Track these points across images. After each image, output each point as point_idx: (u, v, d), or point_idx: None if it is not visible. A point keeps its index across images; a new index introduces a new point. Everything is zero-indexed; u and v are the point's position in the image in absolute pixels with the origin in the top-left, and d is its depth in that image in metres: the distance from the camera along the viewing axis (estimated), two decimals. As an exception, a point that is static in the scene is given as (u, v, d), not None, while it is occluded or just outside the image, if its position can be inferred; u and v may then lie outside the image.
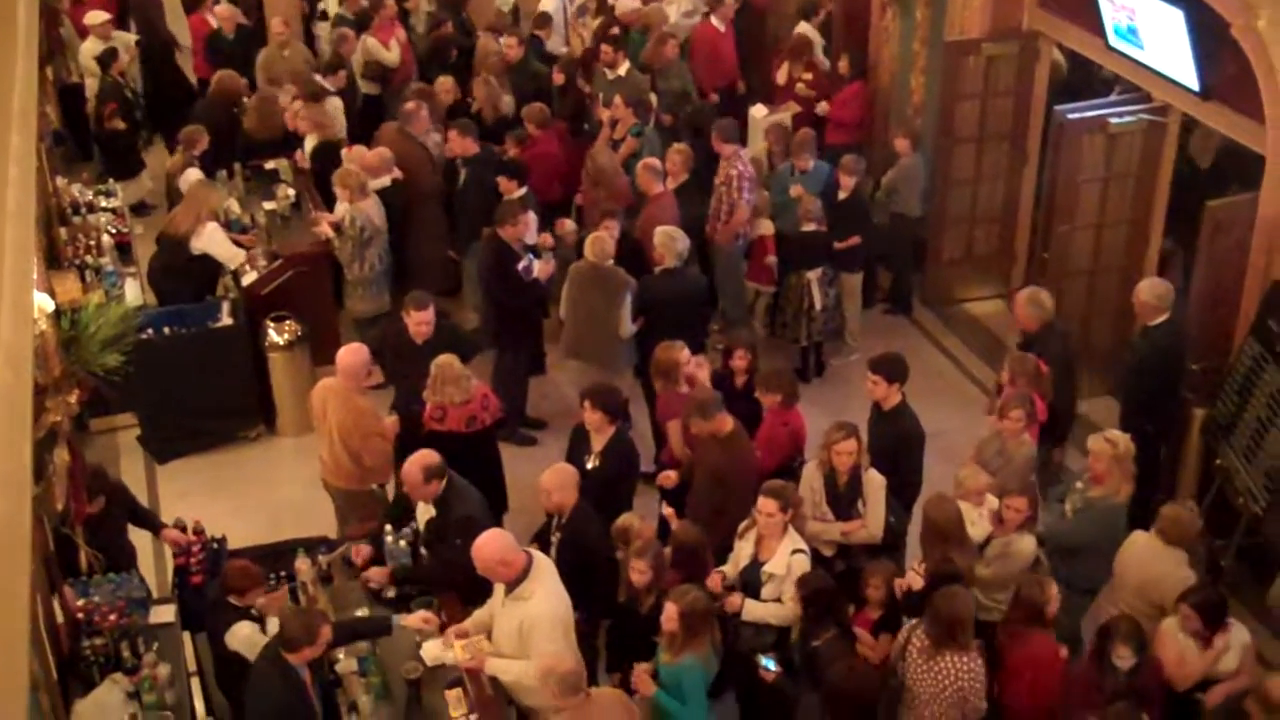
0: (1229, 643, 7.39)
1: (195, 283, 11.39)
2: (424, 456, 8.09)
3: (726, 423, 8.56)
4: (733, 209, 11.61)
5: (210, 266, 11.40)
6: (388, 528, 8.36)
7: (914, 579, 7.75)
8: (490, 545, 7.23)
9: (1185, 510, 8.05)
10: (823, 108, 13.56)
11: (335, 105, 13.09)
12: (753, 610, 7.80)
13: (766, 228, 11.83)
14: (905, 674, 7.29)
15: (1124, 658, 7.01)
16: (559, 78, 13.66)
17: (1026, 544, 8.00)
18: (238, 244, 11.47)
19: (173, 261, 11.30)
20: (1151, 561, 7.82)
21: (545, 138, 12.55)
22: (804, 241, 11.52)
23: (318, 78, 13.33)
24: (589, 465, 8.60)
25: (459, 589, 7.91)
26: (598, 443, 8.63)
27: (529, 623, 7.14)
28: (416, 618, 7.60)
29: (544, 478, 8.10)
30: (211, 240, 11.21)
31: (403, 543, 8.27)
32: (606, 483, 8.48)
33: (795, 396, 9.08)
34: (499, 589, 7.37)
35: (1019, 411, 8.60)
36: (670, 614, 7.14)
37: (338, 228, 11.22)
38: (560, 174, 12.66)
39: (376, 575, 8.12)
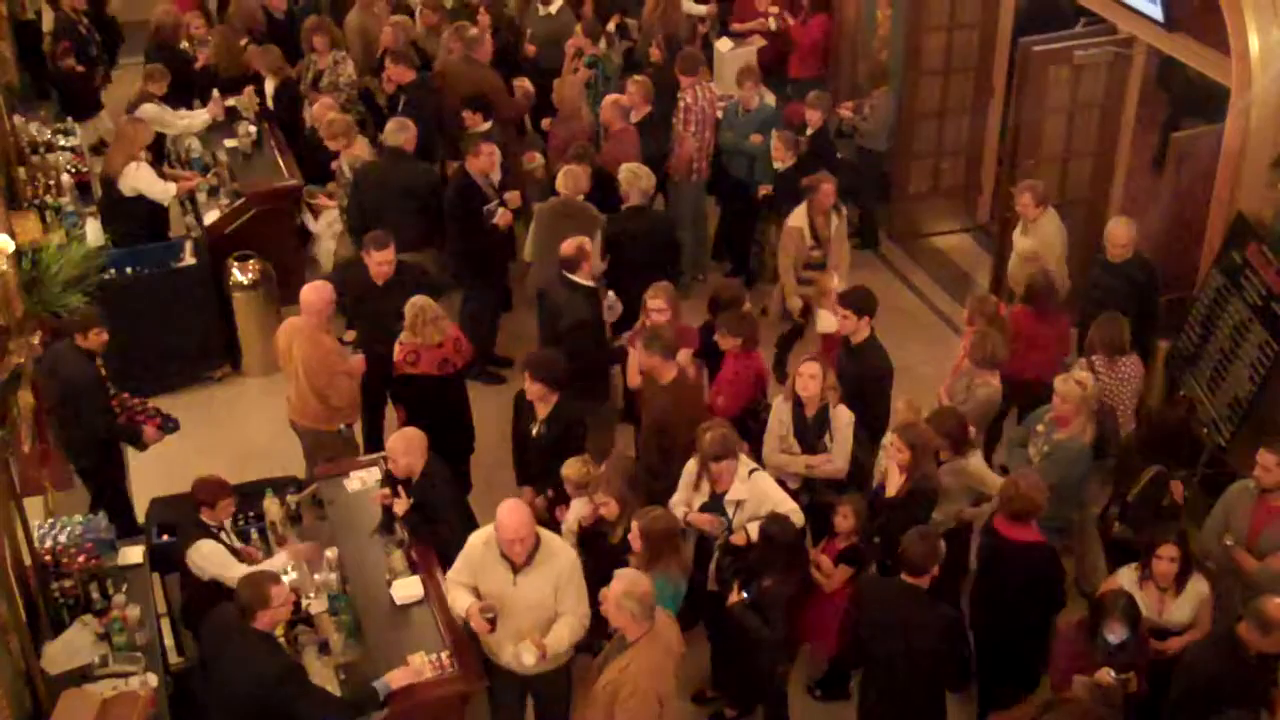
0: (1184, 593, 7.43)
1: (139, 223, 11.21)
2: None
3: (670, 370, 8.53)
4: (681, 142, 11.59)
5: (150, 205, 11.21)
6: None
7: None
8: (512, 521, 6.86)
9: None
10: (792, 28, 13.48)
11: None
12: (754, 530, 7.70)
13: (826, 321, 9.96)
14: (1102, 394, 8.61)
15: (1116, 633, 7.00)
16: (485, 18, 13.45)
17: (972, 464, 8.10)
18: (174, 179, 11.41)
19: (111, 202, 11.17)
20: None
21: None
22: (789, 177, 11.27)
23: None
24: (534, 433, 8.52)
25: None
26: (542, 411, 8.48)
27: (564, 577, 6.96)
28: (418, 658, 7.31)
29: (390, 443, 8.05)
30: (138, 180, 11.02)
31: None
32: (551, 451, 8.36)
33: (756, 340, 9.05)
34: (501, 573, 6.99)
35: (974, 347, 8.71)
36: (635, 533, 7.23)
37: (333, 174, 11.09)
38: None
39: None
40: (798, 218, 10.43)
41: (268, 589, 6.69)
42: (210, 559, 7.51)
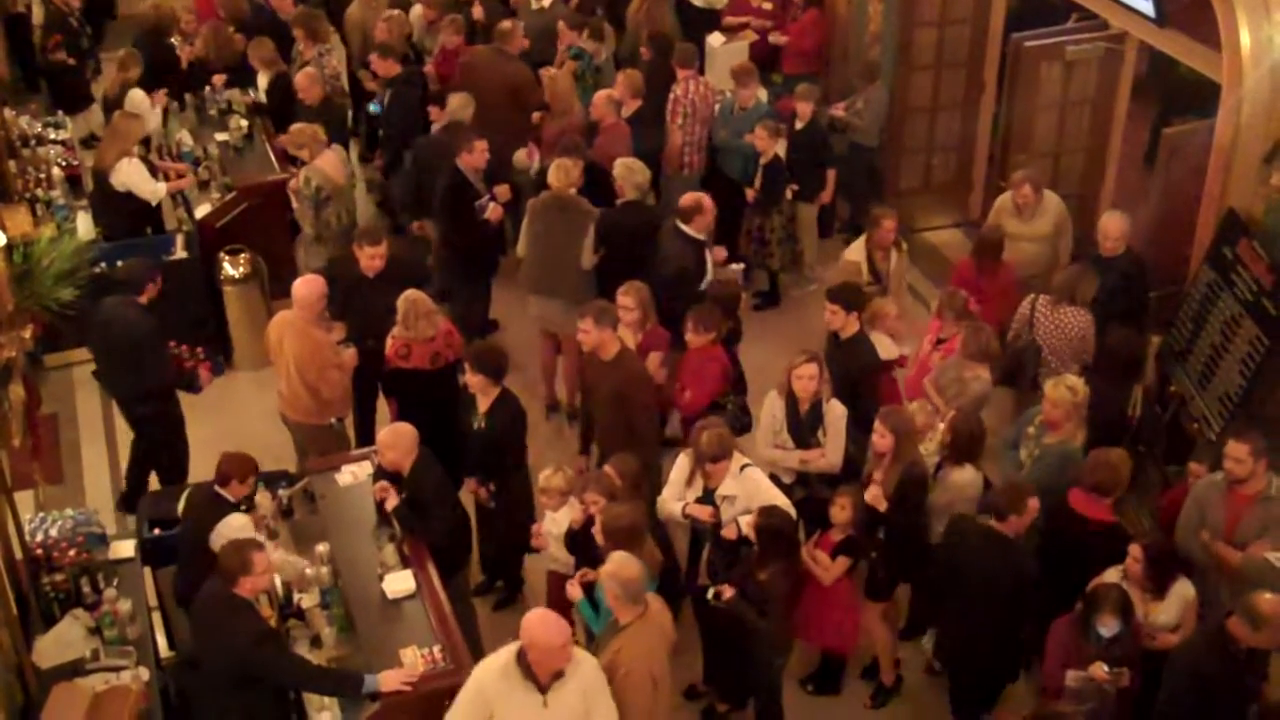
0: (1167, 596, 7.39)
1: (130, 217, 11.19)
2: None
3: (614, 345, 8.57)
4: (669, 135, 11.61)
5: (139, 198, 11.16)
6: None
7: (876, 498, 7.82)
8: (551, 629, 6.38)
9: None
10: (776, 38, 13.44)
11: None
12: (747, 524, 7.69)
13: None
14: (1036, 335, 9.17)
15: (1109, 626, 7.02)
16: (478, 11, 13.47)
17: (959, 476, 8.02)
18: (166, 175, 11.36)
19: (103, 196, 11.14)
20: None
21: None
22: (775, 167, 11.37)
23: None
24: (475, 426, 8.48)
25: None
26: (483, 404, 8.44)
27: (592, 685, 6.47)
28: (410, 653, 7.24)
29: (379, 437, 8.07)
30: (129, 176, 10.97)
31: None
32: (493, 445, 8.37)
33: (722, 334, 9.08)
34: (528, 699, 6.38)
35: (967, 340, 8.73)
36: (597, 529, 7.27)
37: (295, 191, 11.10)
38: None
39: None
40: (855, 252, 10.12)
41: (250, 555, 6.77)
42: (245, 530, 7.42)
